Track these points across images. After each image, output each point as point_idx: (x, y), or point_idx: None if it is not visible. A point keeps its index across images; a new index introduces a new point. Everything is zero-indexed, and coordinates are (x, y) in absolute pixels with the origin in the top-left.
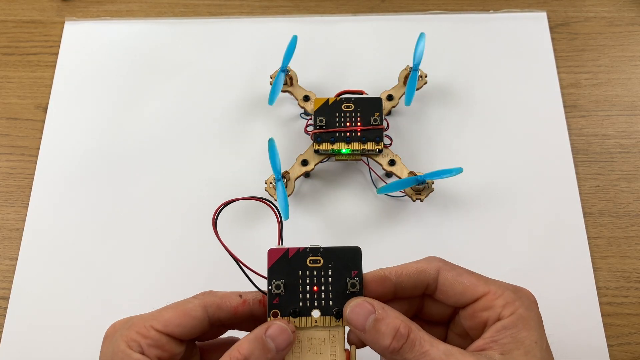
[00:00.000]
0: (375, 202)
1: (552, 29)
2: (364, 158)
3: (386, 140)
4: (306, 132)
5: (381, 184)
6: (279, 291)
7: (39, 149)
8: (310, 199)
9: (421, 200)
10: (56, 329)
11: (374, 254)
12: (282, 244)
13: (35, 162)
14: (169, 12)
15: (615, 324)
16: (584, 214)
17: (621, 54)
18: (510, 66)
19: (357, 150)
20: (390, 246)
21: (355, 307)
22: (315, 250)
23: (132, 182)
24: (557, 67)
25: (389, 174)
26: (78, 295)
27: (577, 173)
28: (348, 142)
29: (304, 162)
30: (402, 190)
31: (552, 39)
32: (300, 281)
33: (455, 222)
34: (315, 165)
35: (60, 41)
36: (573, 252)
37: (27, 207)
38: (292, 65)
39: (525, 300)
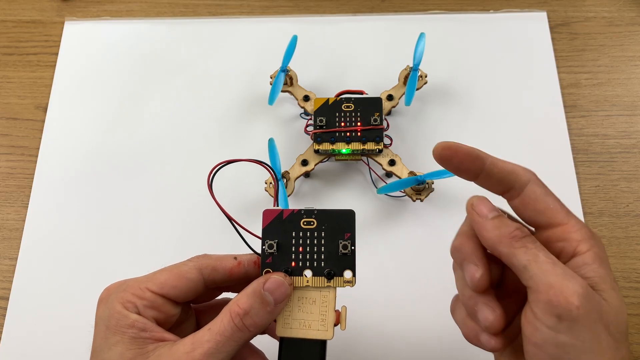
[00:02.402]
0: (375, 202)
1: (552, 29)
2: (364, 158)
3: (386, 140)
4: (306, 132)
5: (381, 184)
6: (272, 251)
7: (39, 149)
8: (310, 199)
9: (421, 200)
10: (56, 328)
11: (374, 253)
12: (277, 206)
13: (35, 162)
14: (169, 12)
15: None
16: (584, 214)
17: (621, 54)
18: (510, 66)
19: (357, 150)
20: (390, 246)
21: (483, 199)
22: (309, 212)
23: (132, 182)
24: (557, 67)
25: (389, 174)
26: (78, 295)
27: (577, 173)
28: (348, 142)
29: (304, 162)
30: (402, 190)
31: (552, 39)
32: (294, 242)
33: (456, 222)
34: (315, 165)
35: (60, 41)
36: None
37: (27, 207)
38: (292, 65)
39: (599, 243)
